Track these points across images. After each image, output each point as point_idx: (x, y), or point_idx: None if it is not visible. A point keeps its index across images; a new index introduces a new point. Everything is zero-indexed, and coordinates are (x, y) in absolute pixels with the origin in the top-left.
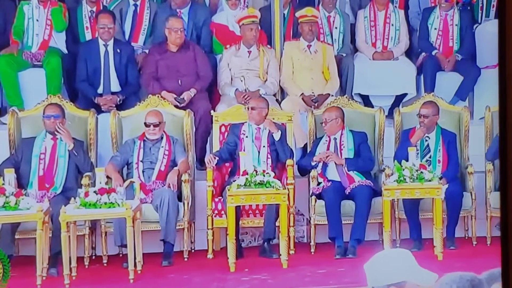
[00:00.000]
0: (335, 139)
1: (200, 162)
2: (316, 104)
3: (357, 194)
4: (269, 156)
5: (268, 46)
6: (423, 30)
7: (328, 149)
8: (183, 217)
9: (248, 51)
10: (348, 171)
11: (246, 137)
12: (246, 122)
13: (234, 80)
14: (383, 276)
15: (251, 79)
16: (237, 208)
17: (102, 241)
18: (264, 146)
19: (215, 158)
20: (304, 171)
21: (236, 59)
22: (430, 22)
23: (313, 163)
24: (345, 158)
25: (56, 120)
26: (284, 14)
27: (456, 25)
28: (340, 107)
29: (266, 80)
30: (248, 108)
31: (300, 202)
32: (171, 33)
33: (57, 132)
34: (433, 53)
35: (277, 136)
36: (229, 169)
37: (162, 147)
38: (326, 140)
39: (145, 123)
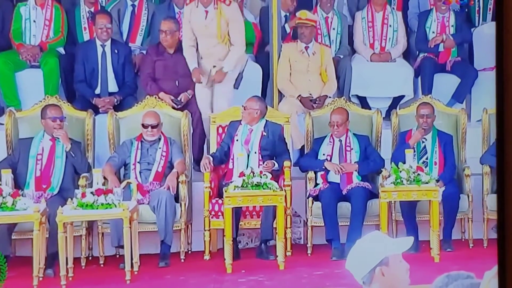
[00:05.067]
0: (340, 140)
1: (198, 163)
2: (315, 105)
3: (353, 196)
4: (261, 163)
5: (227, 1)
6: (421, 33)
7: (332, 150)
8: (180, 218)
9: (205, 11)
10: (360, 174)
11: (237, 140)
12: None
13: (198, 38)
14: (365, 264)
15: (210, 41)
16: (237, 210)
17: (99, 242)
18: (255, 152)
19: (210, 163)
20: (306, 169)
21: (195, 17)
22: (427, 26)
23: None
24: (356, 162)
25: (61, 122)
26: (286, 15)
27: (452, 26)
28: (346, 109)
29: (229, 44)
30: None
31: (297, 203)
32: (161, 34)
33: (56, 135)
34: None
35: None
36: (225, 171)
37: (160, 148)
38: (330, 142)
39: (142, 125)
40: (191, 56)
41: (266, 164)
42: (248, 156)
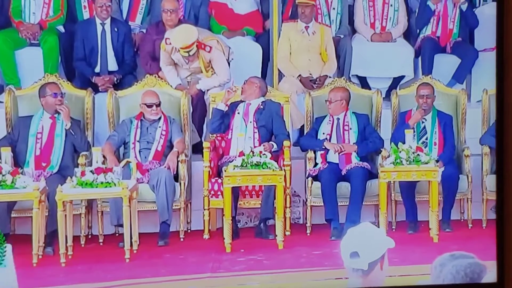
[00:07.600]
0: (338, 119)
1: (197, 145)
2: (315, 85)
3: (353, 176)
4: (255, 130)
5: (210, 43)
6: (422, 12)
7: (332, 129)
8: (180, 197)
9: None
10: (359, 155)
11: (238, 113)
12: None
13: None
14: (364, 255)
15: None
16: (236, 189)
17: (98, 221)
18: (250, 122)
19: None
20: (306, 149)
21: (178, 56)
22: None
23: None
24: (355, 143)
25: (62, 99)
26: None
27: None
28: (347, 89)
29: (213, 72)
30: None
31: (296, 183)
32: (163, 14)
33: (59, 109)
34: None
35: None
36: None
37: (160, 127)
38: (330, 120)
39: (145, 104)
40: (171, 74)
41: (264, 146)
42: (246, 126)
